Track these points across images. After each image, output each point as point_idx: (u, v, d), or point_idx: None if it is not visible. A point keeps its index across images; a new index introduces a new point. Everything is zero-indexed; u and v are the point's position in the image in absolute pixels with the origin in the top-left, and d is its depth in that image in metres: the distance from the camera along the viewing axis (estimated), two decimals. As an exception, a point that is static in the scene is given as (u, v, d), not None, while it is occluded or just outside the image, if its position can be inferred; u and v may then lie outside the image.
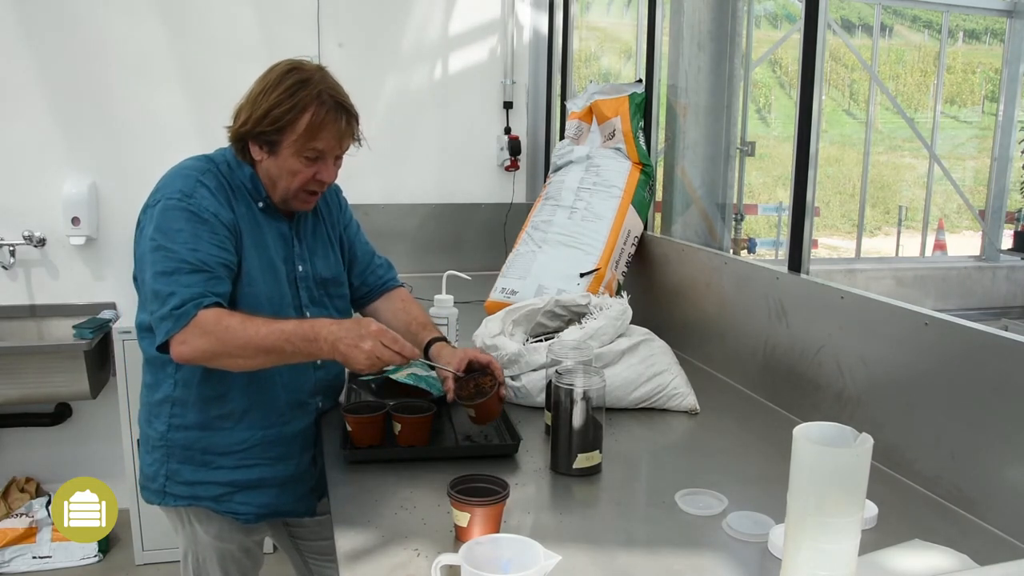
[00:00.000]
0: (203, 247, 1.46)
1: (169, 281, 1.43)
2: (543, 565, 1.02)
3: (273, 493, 1.66)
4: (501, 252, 2.87)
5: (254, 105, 1.52)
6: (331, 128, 1.53)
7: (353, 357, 1.41)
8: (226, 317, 1.42)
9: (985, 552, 1.19)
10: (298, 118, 1.51)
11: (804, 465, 0.97)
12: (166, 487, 1.62)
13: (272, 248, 1.61)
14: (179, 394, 1.58)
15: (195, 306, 1.41)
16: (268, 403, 1.61)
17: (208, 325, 1.40)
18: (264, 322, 1.43)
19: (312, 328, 1.43)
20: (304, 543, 1.89)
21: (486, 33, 3.50)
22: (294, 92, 1.50)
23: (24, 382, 2.90)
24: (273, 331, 1.41)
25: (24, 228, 3.09)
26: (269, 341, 1.41)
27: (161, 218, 1.48)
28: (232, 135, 1.57)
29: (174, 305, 1.41)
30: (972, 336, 1.34)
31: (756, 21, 6.99)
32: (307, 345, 1.42)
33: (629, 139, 2.55)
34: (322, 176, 1.58)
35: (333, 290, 1.74)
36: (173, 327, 1.41)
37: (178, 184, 1.52)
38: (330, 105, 1.53)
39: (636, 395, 1.77)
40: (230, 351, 1.41)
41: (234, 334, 1.40)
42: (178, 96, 3.19)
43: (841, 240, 11.10)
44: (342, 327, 1.42)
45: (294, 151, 1.53)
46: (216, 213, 1.51)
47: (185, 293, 1.42)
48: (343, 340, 1.40)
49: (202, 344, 1.40)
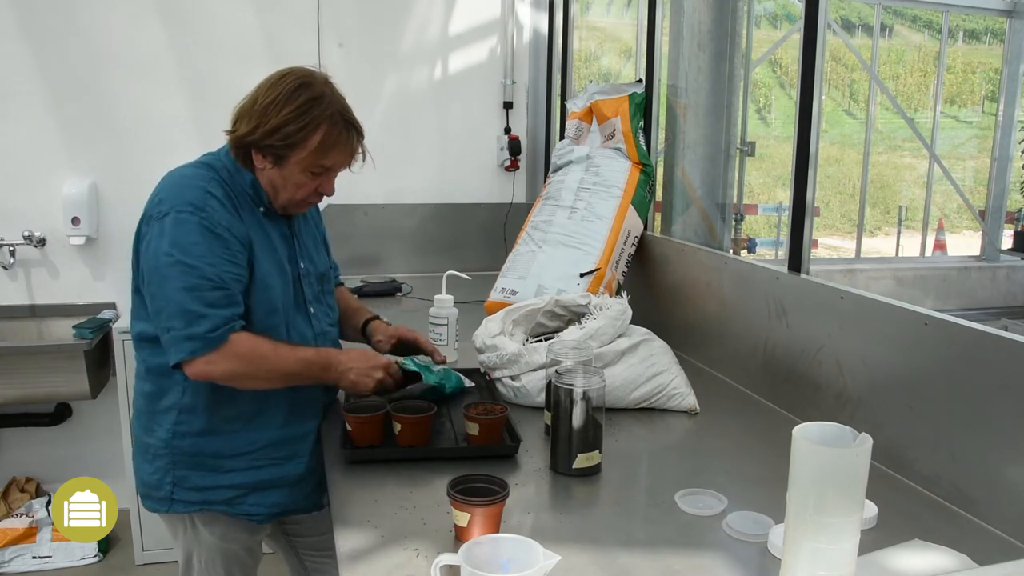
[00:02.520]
0: (220, 264, 1.48)
1: (194, 299, 1.45)
2: (543, 565, 1.03)
3: (284, 492, 1.66)
4: (501, 252, 2.87)
5: (263, 116, 1.51)
6: (342, 147, 1.56)
7: (363, 384, 1.59)
8: (260, 344, 1.51)
9: (985, 552, 1.19)
10: (310, 136, 1.51)
11: (804, 465, 0.97)
12: (173, 494, 1.61)
13: (279, 249, 1.63)
14: (188, 400, 1.58)
15: (228, 330, 1.47)
16: (278, 404, 1.61)
17: (242, 350, 1.49)
18: (291, 349, 1.56)
19: (327, 358, 1.59)
20: (299, 540, 1.90)
21: (486, 33, 3.50)
22: (307, 110, 1.50)
23: (24, 382, 2.90)
24: (299, 359, 1.55)
25: (24, 228, 3.09)
26: (294, 369, 1.54)
27: (175, 232, 1.47)
28: (234, 142, 1.55)
29: (208, 328, 1.45)
30: (972, 336, 1.34)
31: (756, 21, 6.99)
32: (323, 372, 1.59)
33: (629, 139, 2.55)
34: (323, 189, 1.61)
35: (325, 286, 1.78)
36: (202, 348, 1.46)
37: (187, 196, 1.50)
38: (341, 125, 1.54)
39: (636, 395, 1.77)
40: (257, 374, 1.52)
41: (266, 361, 1.51)
42: (178, 96, 3.19)
43: (841, 240, 11.11)
44: (351, 357, 1.61)
45: (302, 167, 1.54)
46: (229, 227, 1.51)
47: (216, 317, 1.46)
48: (354, 370, 1.59)
49: (231, 366, 1.48)
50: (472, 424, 1.52)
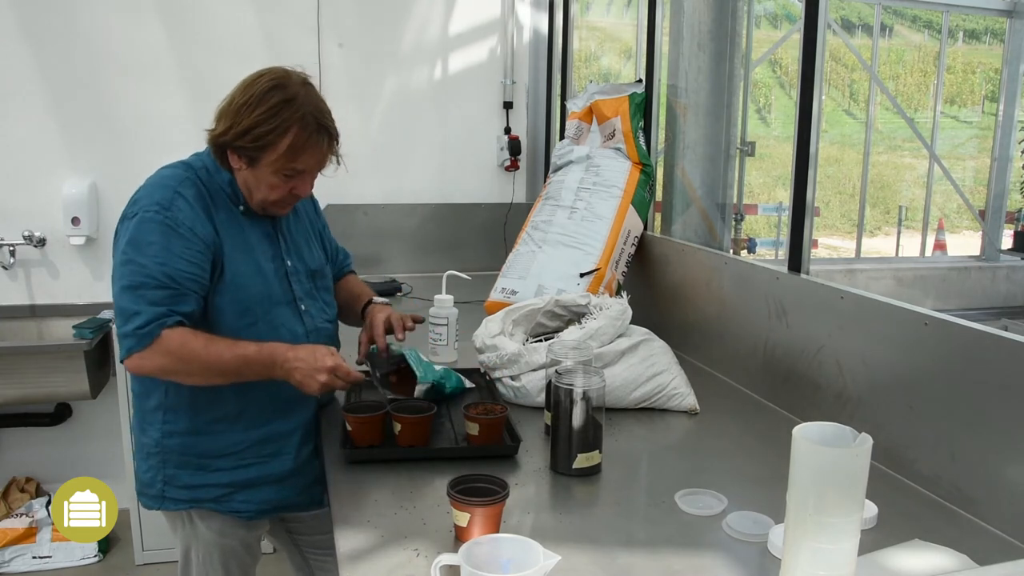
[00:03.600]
0: (173, 262, 1.47)
1: (135, 297, 1.46)
2: (543, 565, 1.03)
3: (273, 489, 1.66)
4: (501, 252, 2.87)
5: (236, 116, 1.51)
6: (312, 151, 1.54)
7: (307, 386, 1.50)
8: (190, 340, 1.47)
9: (985, 552, 1.19)
10: (279, 140, 1.50)
11: (804, 465, 0.97)
12: (165, 492, 1.62)
13: (258, 249, 1.62)
14: (171, 400, 1.59)
15: (159, 326, 1.45)
16: (262, 402, 1.61)
17: (172, 346, 1.45)
18: (227, 345, 1.49)
19: (271, 355, 1.50)
20: (302, 538, 1.90)
21: (486, 33, 3.49)
22: (277, 111, 1.49)
23: (24, 382, 2.90)
24: (236, 356, 1.48)
25: (24, 228, 3.09)
26: (231, 366, 1.48)
27: (136, 231, 1.49)
28: (211, 141, 1.56)
29: (138, 325, 1.44)
30: (972, 336, 1.34)
31: (756, 21, 6.99)
32: (264, 370, 1.51)
33: (629, 139, 2.55)
34: (298, 191, 1.60)
35: (320, 282, 1.76)
36: (135, 345, 1.45)
37: (156, 196, 1.52)
38: (313, 128, 1.52)
39: (636, 395, 1.77)
40: (190, 370, 1.48)
41: (196, 356, 1.46)
42: (178, 96, 3.18)
43: (841, 240, 11.11)
44: (298, 356, 1.50)
45: (273, 169, 1.53)
46: (192, 227, 1.51)
47: (149, 313, 1.45)
48: (299, 370, 1.49)
49: (162, 362, 1.46)
50: (472, 424, 1.52)
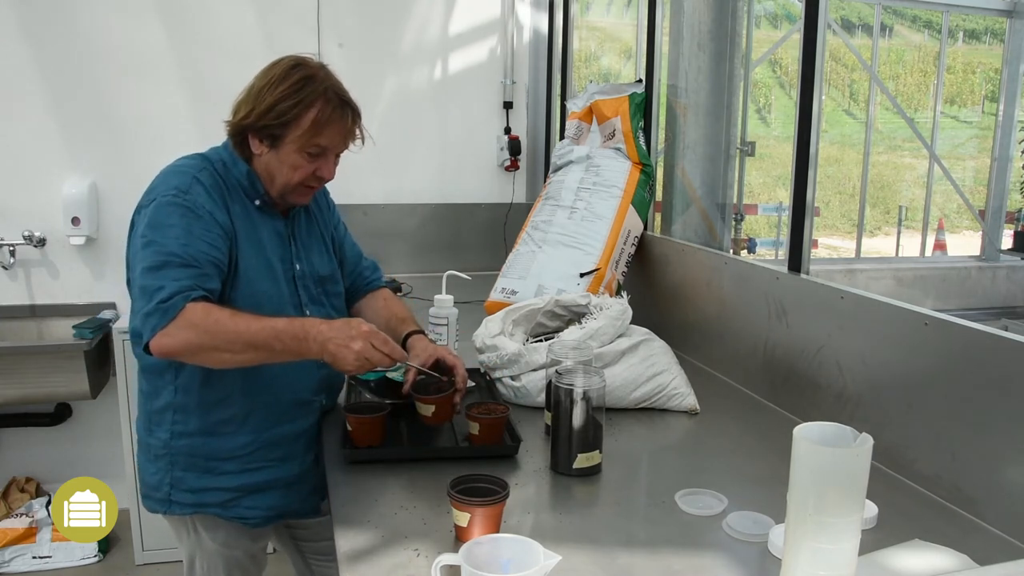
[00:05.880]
0: (194, 243, 1.45)
1: (158, 275, 1.40)
2: (543, 565, 1.03)
3: (279, 495, 1.65)
4: (501, 252, 2.87)
5: (257, 99, 1.52)
6: (336, 125, 1.54)
7: (342, 357, 1.39)
8: (215, 311, 1.39)
9: (985, 552, 1.19)
10: (304, 113, 1.50)
11: (804, 465, 0.97)
12: (171, 495, 1.60)
13: (268, 247, 1.60)
14: (180, 400, 1.56)
15: (183, 299, 1.37)
16: (271, 404, 1.59)
17: (196, 318, 1.36)
18: (255, 318, 1.40)
19: (303, 327, 1.40)
20: (306, 544, 1.89)
21: (486, 33, 3.50)
22: (300, 87, 1.50)
23: (24, 382, 2.90)
24: (264, 327, 1.39)
25: (24, 228, 3.09)
26: (260, 337, 1.38)
27: (155, 214, 1.47)
28: (232, 128, 1.56)
29: (161, 299, 1.37)
30: (972, 336, 1.34)
31: (756, 21, 6.99)
32: (296, 344, 1.40)
33: (629, 139, 2.55)
34: (322, 172, 1.58)
35: (330, 288, 1.74)
36: (160, 321, 1.36)
37: (173, 181, 1.51)
38: (336, 103, 1.53)
39: (636, 395, 1.77)
40: (217, 344, 1.37)
41: (223, 327, 1.37)
42: (178, 96, 3.18)
43: (841, 240, 11.11)
44: (332, 327, 1.40)
45: (297, 147, 1.53)
46: (211, 211, 1.50)
47: (173, 286, 1.38)
48: (333, 340, 1.39)
49: (188, 336, 1.36)
50: (472, 424, 1.52)
